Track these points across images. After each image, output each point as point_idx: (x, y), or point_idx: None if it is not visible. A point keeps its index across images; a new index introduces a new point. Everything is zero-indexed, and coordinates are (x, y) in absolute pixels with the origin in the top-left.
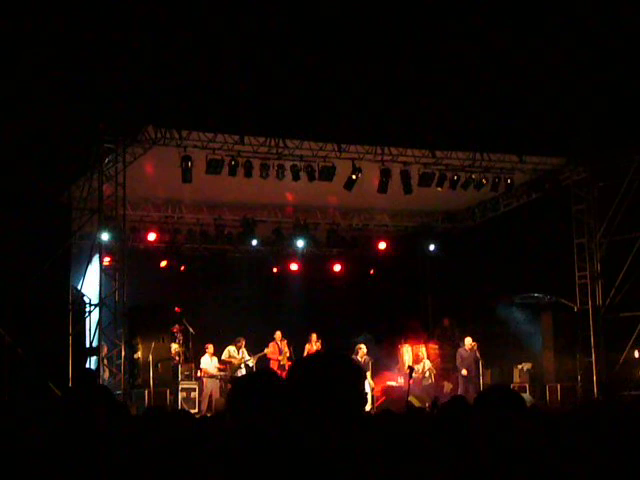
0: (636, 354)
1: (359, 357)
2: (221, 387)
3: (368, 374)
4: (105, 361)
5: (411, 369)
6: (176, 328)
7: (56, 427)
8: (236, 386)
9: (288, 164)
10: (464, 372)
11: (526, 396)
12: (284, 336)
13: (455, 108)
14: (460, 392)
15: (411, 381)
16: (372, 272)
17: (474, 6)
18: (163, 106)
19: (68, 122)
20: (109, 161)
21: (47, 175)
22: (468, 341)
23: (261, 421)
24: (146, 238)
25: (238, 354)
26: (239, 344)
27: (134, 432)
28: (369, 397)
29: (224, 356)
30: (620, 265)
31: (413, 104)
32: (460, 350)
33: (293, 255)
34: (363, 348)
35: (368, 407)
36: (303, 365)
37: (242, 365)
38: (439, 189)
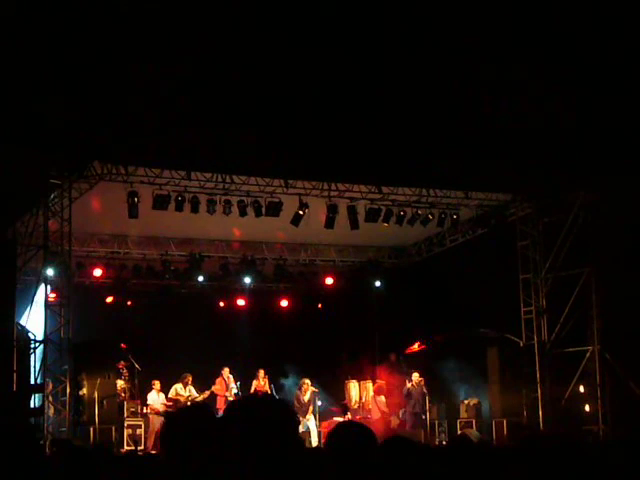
0: (581, 389)
1: (303, 391)
2: None
3: (310, 408)
4: (50, 398)
5: (345, 408)
6: (122, 364)
7: None
8: (169, 422)
9: (235, 200)
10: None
11: (473, 431)
12: (231, 372)
13: (401, 144)
14: (407, 428)
15: (357, 417)
16: (319, 307)
17: (422, 41)
18: (109, 141)
19: (13, 157)
20: (55, 197)
21: None
22: (415, 376)
23: (194, 459)
24: (92, 274)
25: (185, 391)
26: (186, 380)
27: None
28: (315, 433)
29: (171, 394)
30: (565, 300)
31: (359, 140)
32: (407, 385)
33: (240, 290)
34: (308, 382)
35: (315, 443)
36: (239, 407)
37: (189, 403)
38: (386, 225)
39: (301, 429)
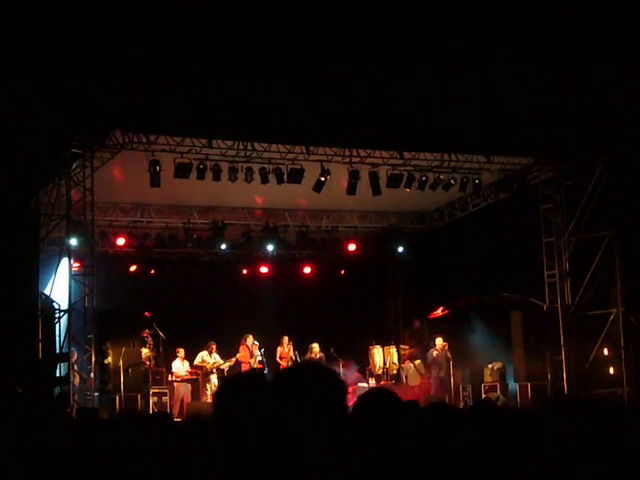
0: (605, 351)
1: (313, 355)
2: (192, 391)
3: None
4: (75, 367)
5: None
6: (146, 333)
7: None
8: (225, 384)
9: (256, 167)
10: (436, 373)
11: (497, 395)
12: (255, 339)
13: (422, 109)
14: (432, 393)
15: (382, 382)
16: (342, 274)
17: (434, 8)
18: (130, 110)
19: (35, 128)
20: (77, 166)
21: (15, 181)
22: (439, 341)
23: (248, 420)
24: (115, 243)
25: (211, 358)
26: (210, 348)
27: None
28: None
29: (197, 361)
30: (588, 263)
31: (380, 105)
32: (431, 351)
33: (263, 258)
34: (316, 347)
35: None
36: (290, 375)
37: (214, 370)
38: (407, 190)
39: None
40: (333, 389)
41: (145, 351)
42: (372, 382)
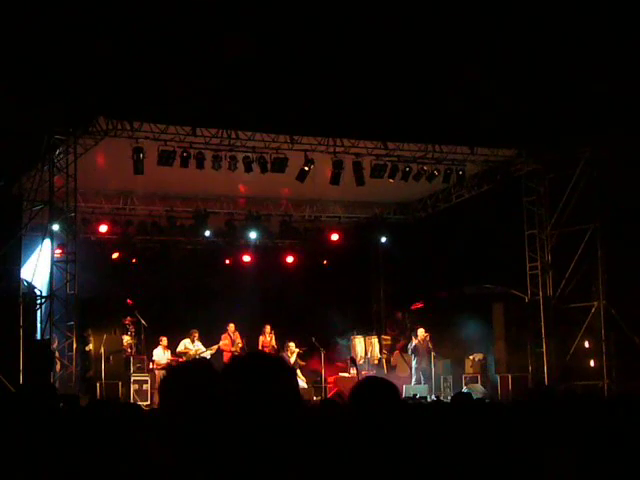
0: (586, 344)
1: (289, 353)
2: None
3: (297, 370)
4: (57, 353)
5: (353, 360)
6: (128, 320)
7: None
8: (170, 373)
9: (240, 156)
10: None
11: (478, 386)
12: (237, 328)
13: (407, 99)
14: (413, 383)
15: (363, 372)
16: (325, 263)
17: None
18: (114, 97)
19: (18, 113)
20: (60, 153)
21: None
22: (421, 332)
23: (190, 412)
24: (98, 230)
25: (193, 346)
26: (193, 336)
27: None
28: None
29: (180, 348)
30: (570, 256)
31: (365, 96)
32: (413, 341)
33: (246, 247)
34: (292, 346)
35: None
36: (236, 364)
37: (197, 357)
38: (391, 180)
39: None
40: (280, 376)
41: (127, 339)
42: (354, 372)
